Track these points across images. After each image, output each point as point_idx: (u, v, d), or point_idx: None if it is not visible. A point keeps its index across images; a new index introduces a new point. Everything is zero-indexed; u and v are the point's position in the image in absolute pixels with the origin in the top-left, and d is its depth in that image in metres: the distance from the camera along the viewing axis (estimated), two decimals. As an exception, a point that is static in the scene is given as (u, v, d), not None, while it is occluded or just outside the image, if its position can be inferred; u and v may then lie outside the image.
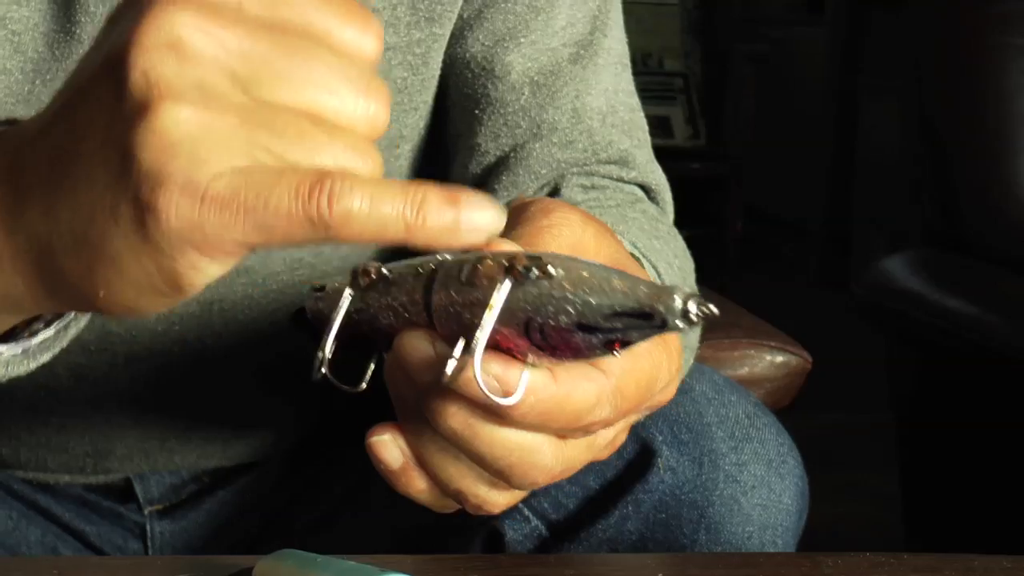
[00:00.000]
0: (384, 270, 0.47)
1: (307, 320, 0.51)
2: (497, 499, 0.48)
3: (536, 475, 0.46)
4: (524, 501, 0.69)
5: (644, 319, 0.41)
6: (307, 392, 0.84)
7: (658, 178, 0.78)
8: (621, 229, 0.67)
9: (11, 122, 0.47)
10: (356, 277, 0.47)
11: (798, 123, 4.19)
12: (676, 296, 0.41)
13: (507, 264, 0.43)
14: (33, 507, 0.82)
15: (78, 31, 0.67)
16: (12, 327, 0.48)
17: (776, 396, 1.15)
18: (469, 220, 0.41)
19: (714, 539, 0.68)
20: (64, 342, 0.50)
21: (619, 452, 0.65)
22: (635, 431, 0.66)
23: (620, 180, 0.76)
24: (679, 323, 0.41)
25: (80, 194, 0.40)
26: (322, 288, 0.50)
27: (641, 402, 0.47)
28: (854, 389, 2.57)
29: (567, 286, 0.42)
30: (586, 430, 0.46)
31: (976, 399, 1.53)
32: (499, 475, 0.46)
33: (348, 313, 0.48)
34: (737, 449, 0.68)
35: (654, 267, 0.65)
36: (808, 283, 3.96)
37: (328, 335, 0.48)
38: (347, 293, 0.48)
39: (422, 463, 0.47)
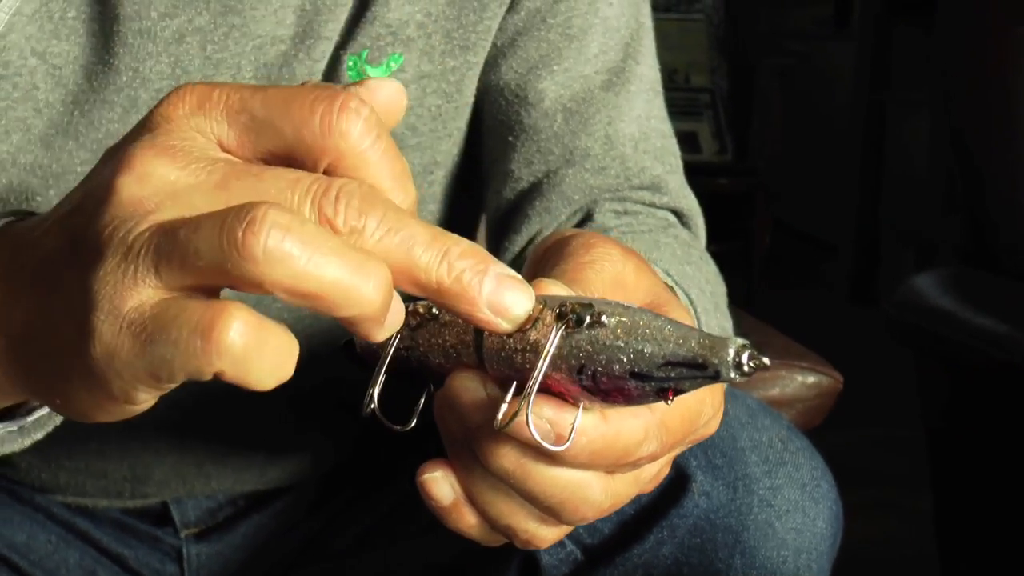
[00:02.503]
0: (434, 309, 0.47)
1: (355, 351, 0.51)
2: (546, 534, 0.48)
3: (586, 511, 0.46)
4: (560, 526, 0.70)
5: (697, 369, 0.41)
6: (341, 418, 0.84)
7: (690, 203, 0.78)
8: (654, 255, 0.67)
9: (26, 214, 0.49)
10: (407, 315, 0.48)
11: (825, 138, 4.18)
12: (730, 348, 0.41)
13: (560, 311, 0.43)
14: (72, 531, 0.83)
15: (116, 63, 0.68)
16: (8, 407, 0.49)
17: (807, 416, 1.15)
18: (500, 300, 0.41)
19: (749, 563, 0.67)
20: (58, 420, 0.51)
21: None
22: None
23: (652, 205, 0.76)
24: (732, 374, 0.41)
25: (53, 310, 0.41)
26: None
27: (685, 436, 0.48)
28: (884, 406, 2.55)
29: (620, 335, 0.42)
30: (634, 465, 0.47)
31: (1008, 417, 1.52)
32: (549, 512, 0.47)
33: (397, 350, 0.48)
34: (771, 473, 0.68)
35: (686, 294, 0.65)
36: (837, 299, 3.94)
37: (377, 374, 0.48)
38: (397, 331, 0.48)
39: (472, 500, 0.47)
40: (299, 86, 0.41)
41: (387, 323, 0.40)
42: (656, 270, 0.57)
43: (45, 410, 0.50)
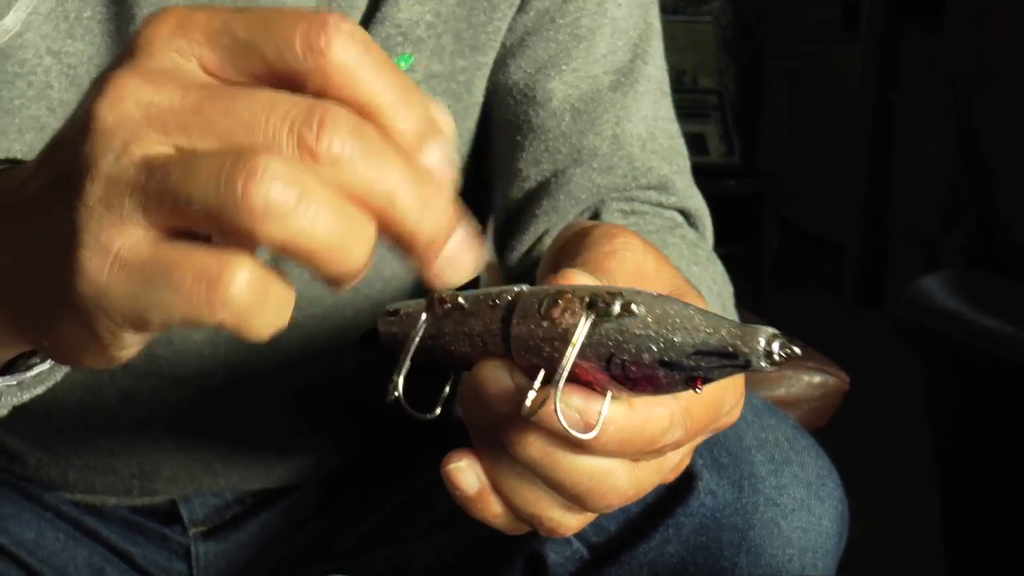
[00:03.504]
0: (460, 299, 0.47)
1: (377, 341, 0.51)
2: (571, 522, 0.48)
3: (612, 498, 0.47)
4: (565, 524, 0.70)
5: (728, 358, 0.41)
6: (348, 416, 0.85)
7: (697, 203, 0.79)
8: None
9: (15, 161, 0.48)
10: (432, 304, 0.48)
11: (833, 139, 4.18)
12: (761, 337, 0.41)
13: (589, 300, 0.43)
14: (80, 529, 0.83)
15: None
16: (10, 361, 0.48)
17: (813, 416, 1.15)
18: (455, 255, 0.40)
19: (755, 562, 0.68)
20: (59, 375, 0.51)
21: None
22: None
23: (660, 205, 0.77)
24: (763, 363, 0.41)
25: (39, 247, 0.40)
26: (395, 312, 0.50)
27: (709, 424, 0.48)
28: (891, 407, 2.55)
29: (651, 324, 0.42)
30: (659, 452, 0.47)
31: (1014, 418, 1.52)
32: (575, 500, 0.47)
33: (422, 339, 0.48)
34: (777, 472, 0.68)
35: (698, 292, 0.65)
36: (845, 301, 3.94)
37: (402, 362, 0.48)
38: (423, 319, 0.48)
39: (498, 488, 0.47)
40: (284, 7, 0.39)
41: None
42: None
43: (46, 365, 0.50)
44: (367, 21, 0.73)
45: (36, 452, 0.82)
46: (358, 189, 0.37)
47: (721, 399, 0.48)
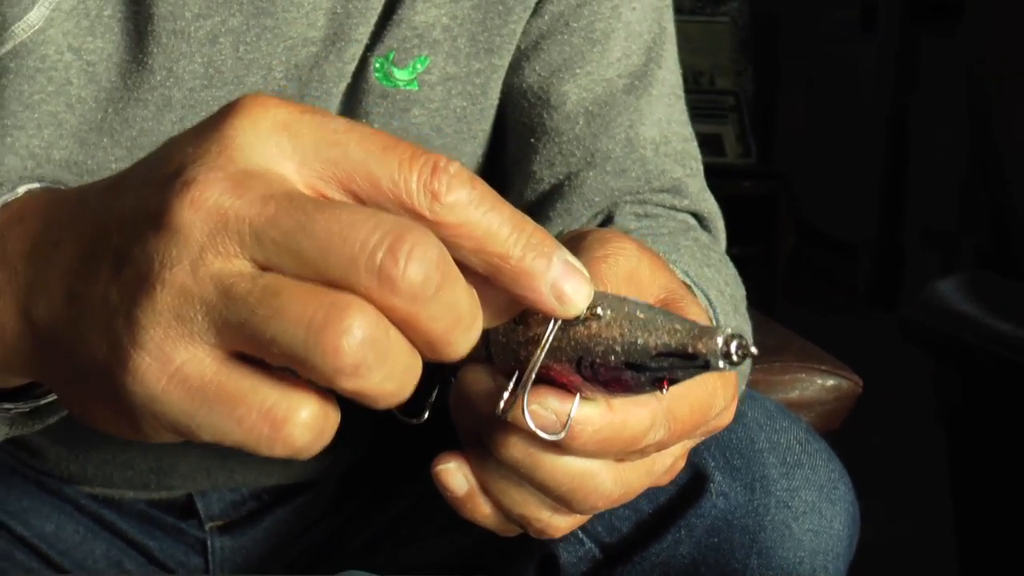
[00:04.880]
0: None
1: None
2: (559, 523, 0.49)
3: (596, 500, 0.47)
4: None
5: (688, 359, 0.42)
6: (362, 414, 0.85)
7: (710, 207, 0.79)
8: (673, 257, 0.68)
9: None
10: None
11: (850, 141, 4.17)
12: (718, 337, 0.42)
13: None
14: (99, 522, 0.84)
15: (150, 61, 0.69)
16: (26, 386, 0.48)
17: (826, 420, 1.15)
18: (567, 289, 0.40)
19: (766, 564, 0.68)
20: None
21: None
22: (688, 456, 0.67)
23: (673, 208, 0.77)
24: (721, 363, 0.42)
25: (85, 320, 0.38)
26: None
27: (696, 426, 0.48)
28: (905, 410, 2.55)
29: (615, 326, 0.43)
30: (643, 453, 0.47)
31: (1028, 422, 1.51)
32: (560, 501, 0.47)
33: None
34: (788, 475, 0.69)
35: (706, 295, 0.66)
36: (860, 303, 3.93)
37: None
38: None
39: (486, 490, 0.48)
40: (387, 135, 0.38)
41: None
42: (675, 271, 0.58)
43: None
44: (383, 23, 0.73)
45: (55, 446, 0.83)
46: (460, 218, 0.37)
47: (709, 401, 0.48)
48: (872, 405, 1.33)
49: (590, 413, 0.44)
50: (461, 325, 0.38)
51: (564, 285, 0.40)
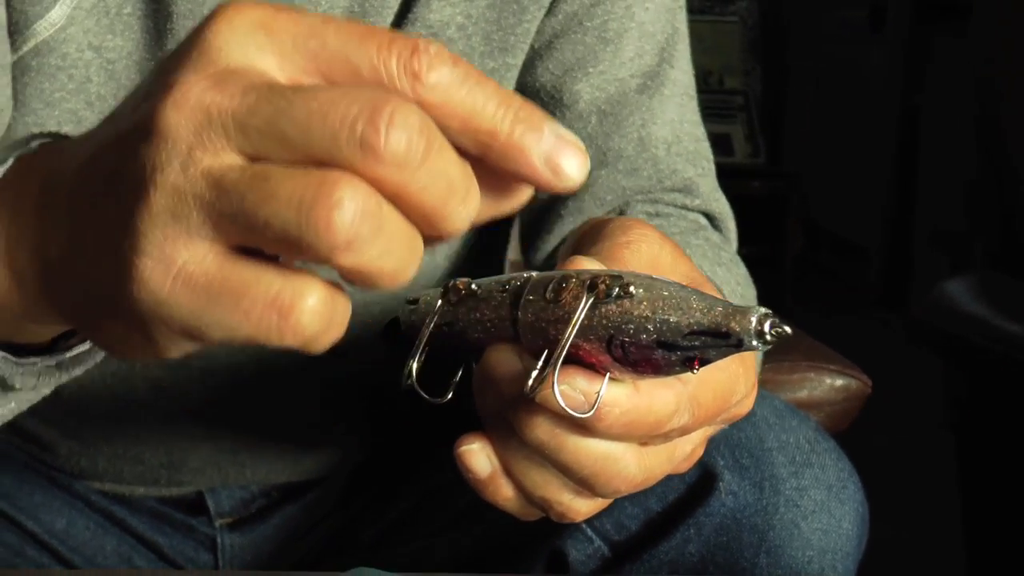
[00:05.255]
0: (474, 285, 0.49)
1: (399, 331, 0.53)
2: (580, 507, 0.49)
3: (619, 483, 0.47)
4: (587, 522, 0.70)
5: (721, 338, 0.43)
6: (373, 411, 0.86)
7: (722, 207, 0.79)
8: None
9: (63, 137, 0.48)
10: (447, 292, 0.49)
11: (859, 141, 4.16)
12: (752, 316, 0.42)
13: (589, 282, 0.44)
14: (110, 518, 0.85)
15: None
16: (51, 340, 0.49)
17: (836, 419, 1.15)
18: (559, 160, 0.39)
19: (774, 563, 0.68)
20: (98, 357, 0.50)
21: (682, 476, 0.67)
22: None
23: (684, 208, 0.77)
24: (755, 342, 0.42)
25: (92, 244, 0.39)
26: (416, 301, 0.52)
27: (718, 412, 0.48)
28: (914, 411, 2.55)
29: (647, 305, 0.43)
30: (666, 437, 0.47)
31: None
32: (583, 483, 0.47)
33: (438, 326, 0.49)
34: (798, 474, 0.69)
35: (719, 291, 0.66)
36: (869, 303, 3.93)
37: (417, 348, 0.49)
38: (438, 307, 0.49)
39: (509, 472, 0.48)
40: (366, 24, 0.38)
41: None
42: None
43: (86, 345, 0.49)
44: (398, 22, 0.74)
45: (67, 441, 0.83)
46: (444, 97, 0.37)
47: (731, 388, 0.48)
48: (881, 405, 1.32)
49: (617, 395, 0.45)
50: (456, 195, 0.37)
51: (559, 158, 0.39)
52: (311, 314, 0.37)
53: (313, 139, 0.35)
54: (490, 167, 0.39)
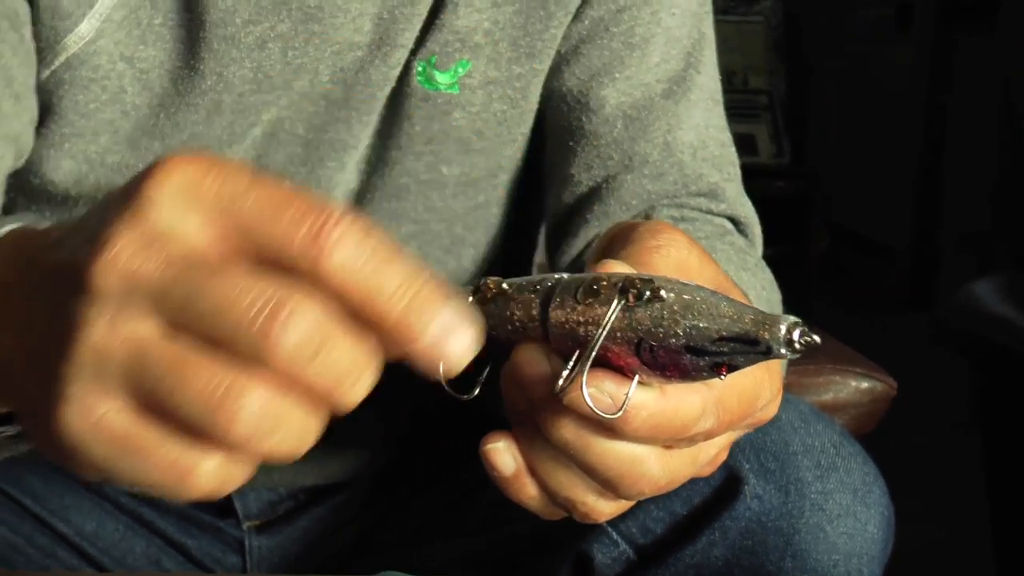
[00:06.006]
0: (504, 285, 0.49)
1: None
2: (604, 508, 0.50)
3: (643, 485, 0.48)
4: (613, 525, 0.70)
5: (750, 345, 0.43)
6: (397, 415, 0.86)
7: (747, 211, 0.79)
8: None
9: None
10: (478, 290, 0.50)
11: (884, 141, 4.15)
12: (782, 324, 0.42)
13: (621, 285, 0.45)
14: (138, 520, 0.85)
15: (201, 67, 0.71)
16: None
17: (860, 422, 1.15)
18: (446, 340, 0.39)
19: (800, 566, 0.68)
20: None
21: (707, 479, 0.67)
22: None
23: (709, 212, 0.77)
24: (783, 351, 0.42)
25: (26, 353, 0.40)
26: None
27: (743, 417, 0.49)
28: (941, 412, 2.54)
29: (677, 310, 0.44)
30: (691, 441, 0.48)
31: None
32: (607, 484, 0.48)
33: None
34: (823, 478, 0.69)
35: (745, 295, 0.66)
36: (894, 304, 3.91)
37: None
38: (469, 304, 0.50)
39: (534, 472, 0.49)
40: (295, 189, 0.39)
41: None
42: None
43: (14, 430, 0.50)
44: (427, 28, 0.74)
45: None
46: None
47: (756, 392, 0.49)
48: (907, 407, 1.32)
49: (645, 398, 0.45)
50: (348, 379, 0.38)
51: (443, 347, 0.39)
52: (207, 476, 0.38)
53: (221, 324, 0.37)
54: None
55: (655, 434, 0.46)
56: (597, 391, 0.45)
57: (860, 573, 0.69)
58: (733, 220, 0.79)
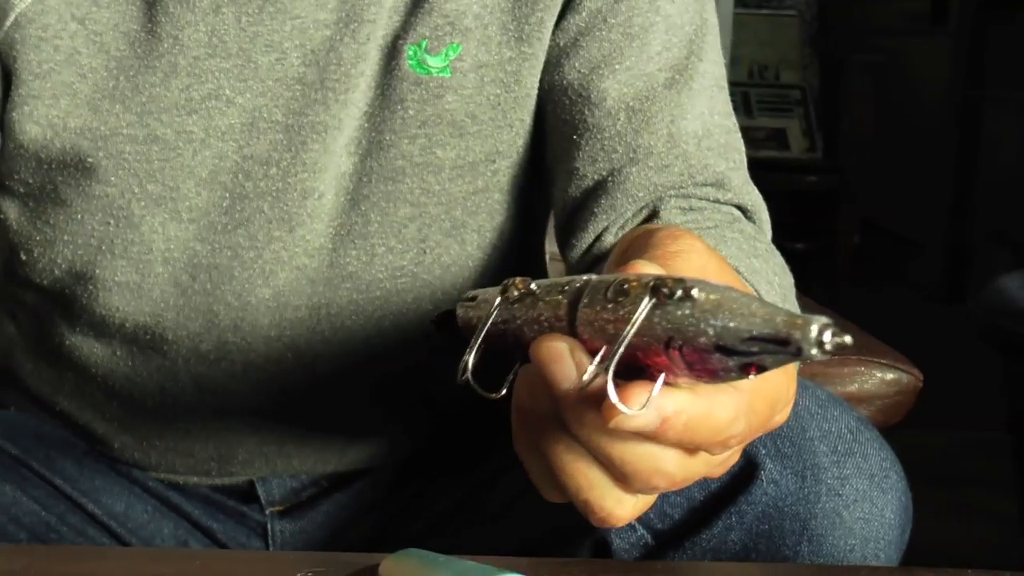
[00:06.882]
0: (532, 285, 0.50)
1: (452, 324, 0.54)
2: (621, 512, 0.50)
3: (659, 480, 0.48)
4: (631, 509, 0.71)
5: (780, 345, 0.43)
6: (419, 404, 0.87)
7: (754, 198, 0.79)
8: (721, 251, 0.68)
9: None
10: (506, 290, 0.50)
11: (918, 135, 4.12)
12: (813, 326, 0.42)
13: (653, 284, 0.45)
14: (166, 503, 0.87)
15: (158, 30, 0.74)
16: None
17: (887, 413, 1.15)
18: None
19: (816, 551, 0.68)
20: None
21: None
22: None
23: (717, 201, 0.77)
24: (814, 352, 0.42)
25: None
26: (473, 298, 0.53)
27: (767, 420, 0.49)
28: (974, 406, 2.52)
29: (708, 309, 0.44)
30: (723, 445, 0.48)
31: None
32: (624, 479, 0.48)
33: (495, 323, 0.51)
34: (839, 463, 0.69)
35: (754, 287, 0.66)
36: (926, 298, 3.89)
37: (474, 343, 0.51)
38: (497, 303, 0.51)
39: (554, 470, 0.49)
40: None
41: None
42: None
43: None
44: (415, 11, 0.76)
45: (121, 435, 0.86)
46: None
47: (778, 396, 0.49)
48: (941, 399, 1.32)
49: (680, 400, 0.45)
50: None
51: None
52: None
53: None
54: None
55: (690, 437, 0.46)
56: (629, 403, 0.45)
57: (877, 558, 0.69)
58: (740, 208, 0.78)
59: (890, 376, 1.15)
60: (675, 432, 0.46)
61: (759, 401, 0.48)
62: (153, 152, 0.75)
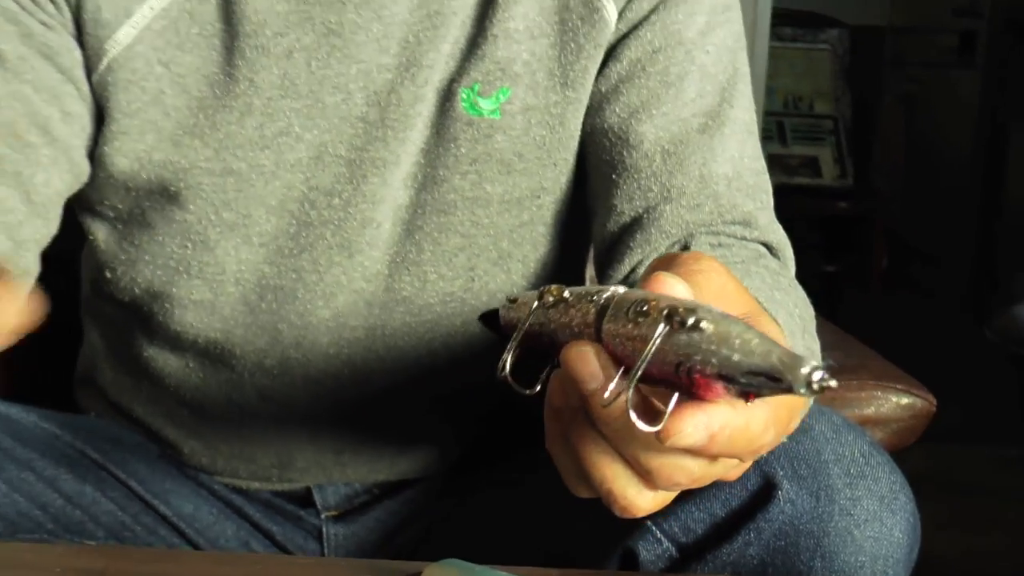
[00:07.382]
0: (566, 292, 0.54)
1: (497, 323, 0.58)
2: (643, 503, 0.53)
3: (680, 477, 0.51)
4: (657, 525, 0.75)
5: (774, 381, 0.46)
6: (465, 417, 0.92)
7: (779, 237, 0.83)
8: (746, 283, 0.70)
9: None
10: (542, 295, 0.55)
11: (947, 164, 4.14)
12: (804, 367, 0.45)
13: (667, 312, 0.49)
14: (230, 506, 0.92)
15: (236, 73, 0.80)
16: None
17: (901, 436, 1.17)
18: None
19: (828, 567, 0.71)
20: None
21: (744, 484, 0.71)
22: (759, 466, 0.71)
23: (744, 239, 0.81)
24: (803, 391, 0.45)
25: None
26: (515, 300, 0.58)
27: (787, 427, 0.53)
28: (999, 420, 2.51)
29: (714, 340, 0.47)
30: (756, 453, 0.52)
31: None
32: (647, 474, 0.51)
33: (532, 325, 0.55)
34: (852, 485, 0.72)
35: (774, 318, 0.69)
36: (955, 321, 3.89)
37: (512, 344, 0.55)
38: (534, 307, 0.55)
39: (581, 462, 0.52)
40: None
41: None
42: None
43: None
44: (469, 57, 0.81)
45: (190, 441, 0.91)
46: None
47: (794, 405, 0.53)
48: (967, 414, 1.31)
49: (724, 416, 0.48)
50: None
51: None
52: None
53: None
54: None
55: (731, 450, 0.49)
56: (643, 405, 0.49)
57: (885, 574, 0.72)
58: (766, 245, 0.82)
59: (905, 401, 1.17)
60: (719, 446, 0.48)
61: (782, 410, 0.51)
62: (228, 183, 0.81)
